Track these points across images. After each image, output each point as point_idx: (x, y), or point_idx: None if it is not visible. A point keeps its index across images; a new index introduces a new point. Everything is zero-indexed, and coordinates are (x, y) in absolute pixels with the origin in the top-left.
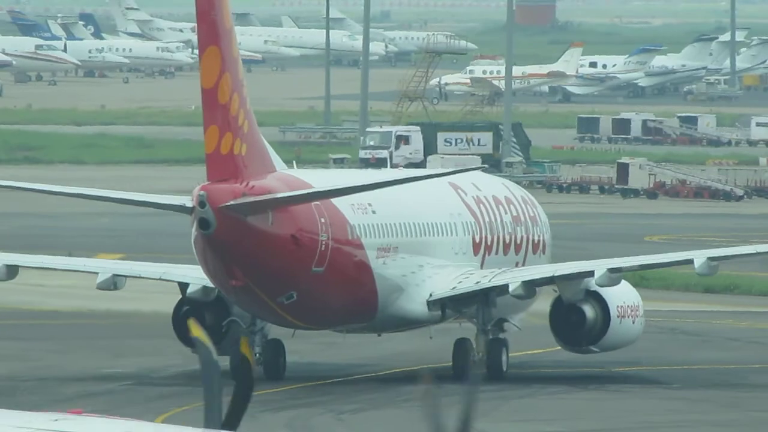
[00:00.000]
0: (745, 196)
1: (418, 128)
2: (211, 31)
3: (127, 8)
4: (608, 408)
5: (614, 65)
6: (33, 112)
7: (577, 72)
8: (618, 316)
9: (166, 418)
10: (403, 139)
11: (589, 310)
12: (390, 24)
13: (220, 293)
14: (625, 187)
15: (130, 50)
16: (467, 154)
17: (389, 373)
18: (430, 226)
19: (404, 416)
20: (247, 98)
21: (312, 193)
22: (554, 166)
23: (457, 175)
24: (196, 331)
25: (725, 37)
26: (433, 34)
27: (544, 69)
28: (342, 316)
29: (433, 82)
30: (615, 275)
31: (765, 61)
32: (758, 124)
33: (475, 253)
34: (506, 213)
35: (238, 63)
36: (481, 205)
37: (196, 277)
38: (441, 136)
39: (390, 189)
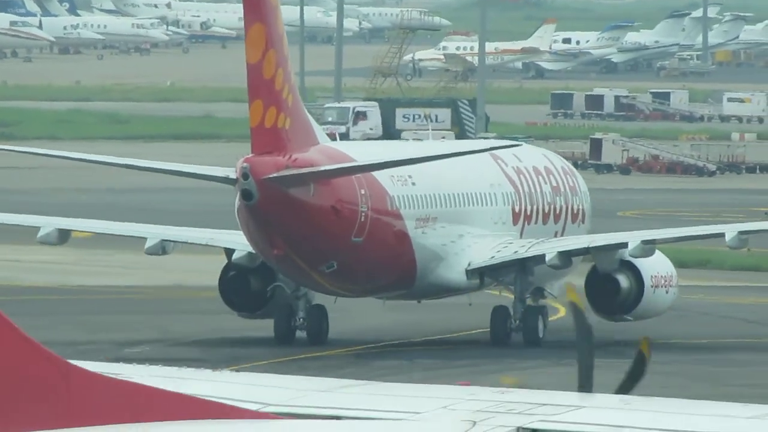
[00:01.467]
0: (718, 172)
1: (376, 104)
2: (257, 7)
3: None
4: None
5: (587, 41)
6: (8, 88)
7: (550, 48)
8: (652, 286)
9: None
10: (361, 115)
11: (623, 280)
12: (364, 0)
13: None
14: (599, 162)
15: (105, 27)
16: (424, 130)
17: (365, 348)
18: (469, 197)
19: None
20: (291, 73)
21: (352, 166)
22: (528, 142)
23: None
24: (572, 295)
25: (698, 13)
26: (407, 10)
27: (518, 45)
28: (381, 284)
29: (407, 58)
30: (648, 246)
31: (737, 37)
32: (730, 100)
33: (515, 222)
34: (546, 183)
35: (284, 39)
36: (521, 176)
37: (242, 243)
38: (399, 112)
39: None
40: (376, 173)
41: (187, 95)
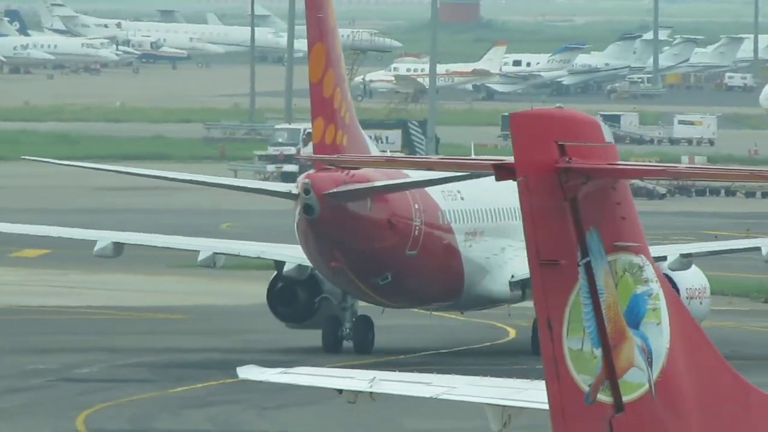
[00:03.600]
0: (668, 194)
1: None
2: (318, 28)
3: (53, 4)
4: None
5: (538, 63)
6: None
7: (500, 70)
8: (687, 298)
9: (89, 414)
10: (310, 136)
11: None
12: None
13: (313, 272)
14: None
15: (55, 47)
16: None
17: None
18: (510, 211)
19: (326, 412)
20: (348, 91)
21: (408, 182)
22: None
23: None
24: None
25: (648, 35)
26: (358, 31)
27: (468, 67)
28: (430, 295)
29: (358, 79)
30: (686, 260)
31: (687, 60)
32: (681, 122)
33: None
34: None
35: (341, 59)
36: None
37: (292, 255)
38: None
39: None
40: (428, 188)
41: (138, 115)
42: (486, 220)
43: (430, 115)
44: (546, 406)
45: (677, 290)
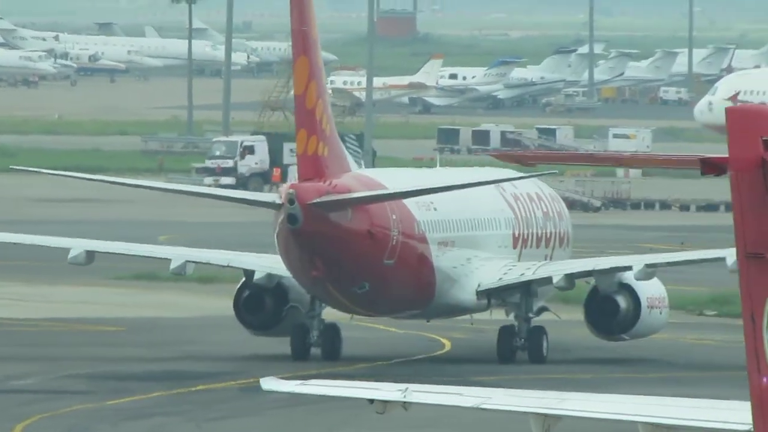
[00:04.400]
0: (603, 207)
1: (263, 138)
2: (302, 42)
3: None
4: None
5: (474, 77)
6: None
7: (437, 83)
8: (648, 307)
9: (27, 425)
10: (248, 149)
11: (622, 301)
12: (252, 34)
13: (280, 281)
14: None
15: None
16: None
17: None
18: (479, 222)
19: (264, 424)
20: (328, 103)
21: (390, 193)
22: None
23: (492, 172)
24: None
25: (584, 49)
26: None
27: (405, 80)
28: (404, 304)
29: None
30: (651, 270)
31: (622, 74)
32: (615, 136)
33: (514, 246)
34: (538, 209)
35: (323, 71)
36: (518, 202)
37: (261, 264)
38: (287, 146)
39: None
40: (404, 200)
41: (75, 128)
42: (456, 231)
43: (367, 128)
44: (582, 414)
45: (638, 300)
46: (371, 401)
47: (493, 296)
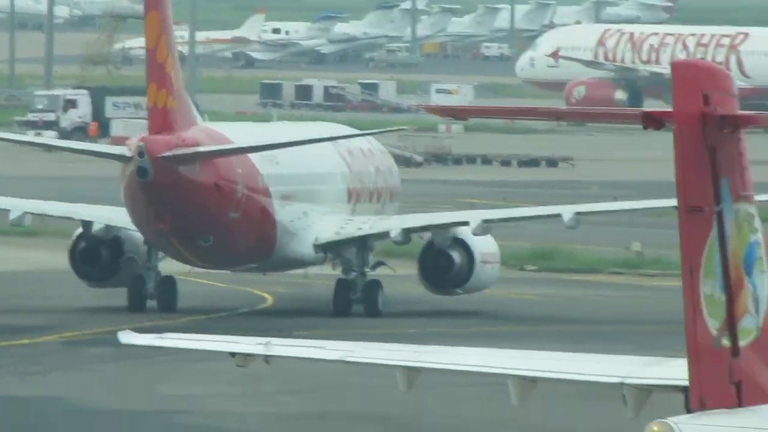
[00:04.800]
0: (425, 163)
1: (86, 92)
2: None
3: None
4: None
5: (297, 32)
6: None
7: (260, 38)
8: (481, 262)
9: None
10: (70, 103)
11: (456, 256)
12: None
13: (118, 232)
14: None
15: None
16: (135, 119)
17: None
18: (317, 176)
19: (88, 378)
20: (177, 57)
21: (240, 147)
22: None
23: (330, 127)
24: None
25: (407, 4)
26: None
27: (228, 35)
28: (245, 257)
29: (118, 46)
30: (487, 225)
31: (445, 29)
32: (438, 91)
33: (349, 201)
34: (370, 164)
35: (171, 26)
36: (352, 156)
37: (101, 216)
38: (109, 101)
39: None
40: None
41: None
42: (297, 185)
43: (190, 83)
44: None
45: (472, 255)
46: (233, 355)
47: (329, 250)
